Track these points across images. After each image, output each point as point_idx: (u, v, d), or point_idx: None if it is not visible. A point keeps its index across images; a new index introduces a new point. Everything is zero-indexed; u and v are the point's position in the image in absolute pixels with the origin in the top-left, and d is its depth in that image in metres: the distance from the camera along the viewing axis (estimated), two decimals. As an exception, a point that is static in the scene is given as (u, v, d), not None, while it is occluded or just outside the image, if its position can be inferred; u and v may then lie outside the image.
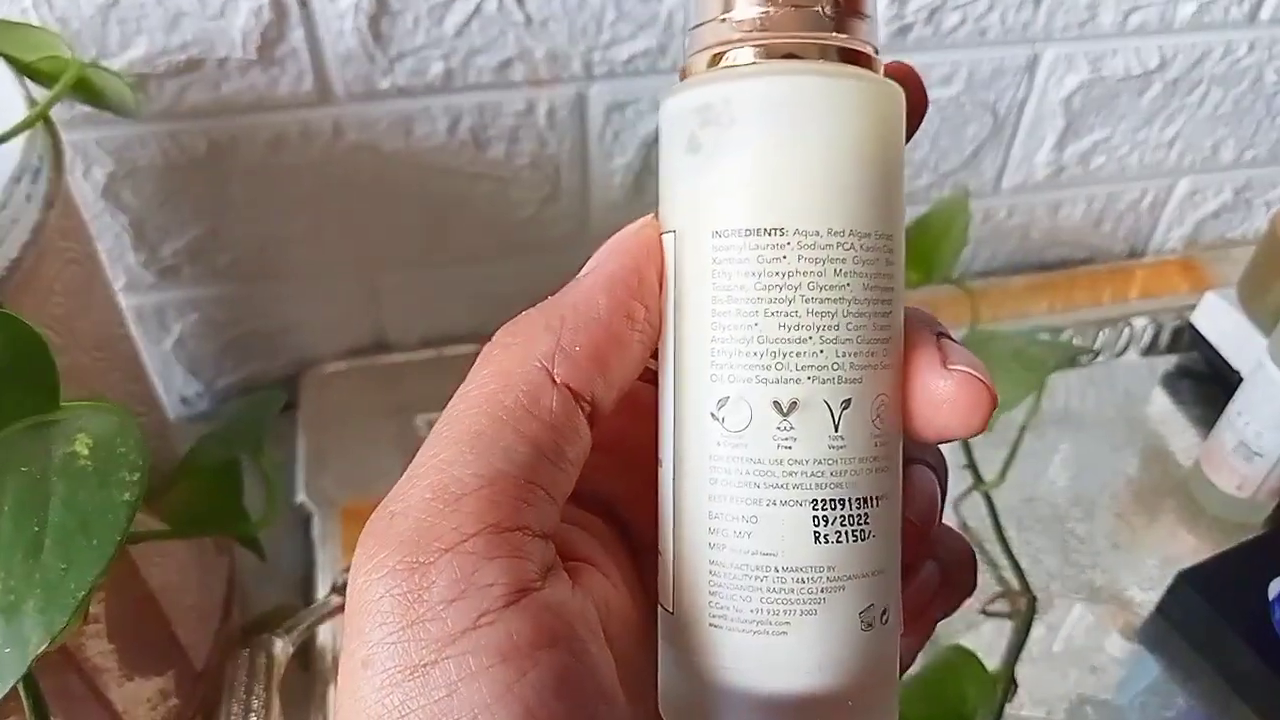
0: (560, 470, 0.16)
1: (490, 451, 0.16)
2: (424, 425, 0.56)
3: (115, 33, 0.46)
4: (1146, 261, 0.73)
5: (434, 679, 0.14)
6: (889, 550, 0.17)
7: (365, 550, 0.16)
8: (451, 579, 0.15)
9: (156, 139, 0.50)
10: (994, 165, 0.64)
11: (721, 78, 0.17)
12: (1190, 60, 0.62)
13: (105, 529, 0.20)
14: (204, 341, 0.58)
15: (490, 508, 0.15)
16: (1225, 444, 0.53)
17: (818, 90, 0.16)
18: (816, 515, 0.16)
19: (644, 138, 0.56)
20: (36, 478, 0.20)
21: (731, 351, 0.16)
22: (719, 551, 0.17)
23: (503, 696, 0.14)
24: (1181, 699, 0.47)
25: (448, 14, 0.49)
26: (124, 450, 0.21)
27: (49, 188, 0.34)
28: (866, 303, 0.16)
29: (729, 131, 0.16)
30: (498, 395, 0.16)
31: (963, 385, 0.16)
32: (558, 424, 0.16)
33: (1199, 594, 0.47)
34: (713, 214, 0.17)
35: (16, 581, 0.19)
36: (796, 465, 0.16)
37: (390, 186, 0.54)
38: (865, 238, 0.16)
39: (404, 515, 0.15)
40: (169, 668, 0.42)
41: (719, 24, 0.17)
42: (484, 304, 0.62)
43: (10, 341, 0.22)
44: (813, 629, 0.16)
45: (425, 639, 0.14)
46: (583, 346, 0.17)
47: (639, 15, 0.51)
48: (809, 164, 0.16)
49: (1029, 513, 0.56)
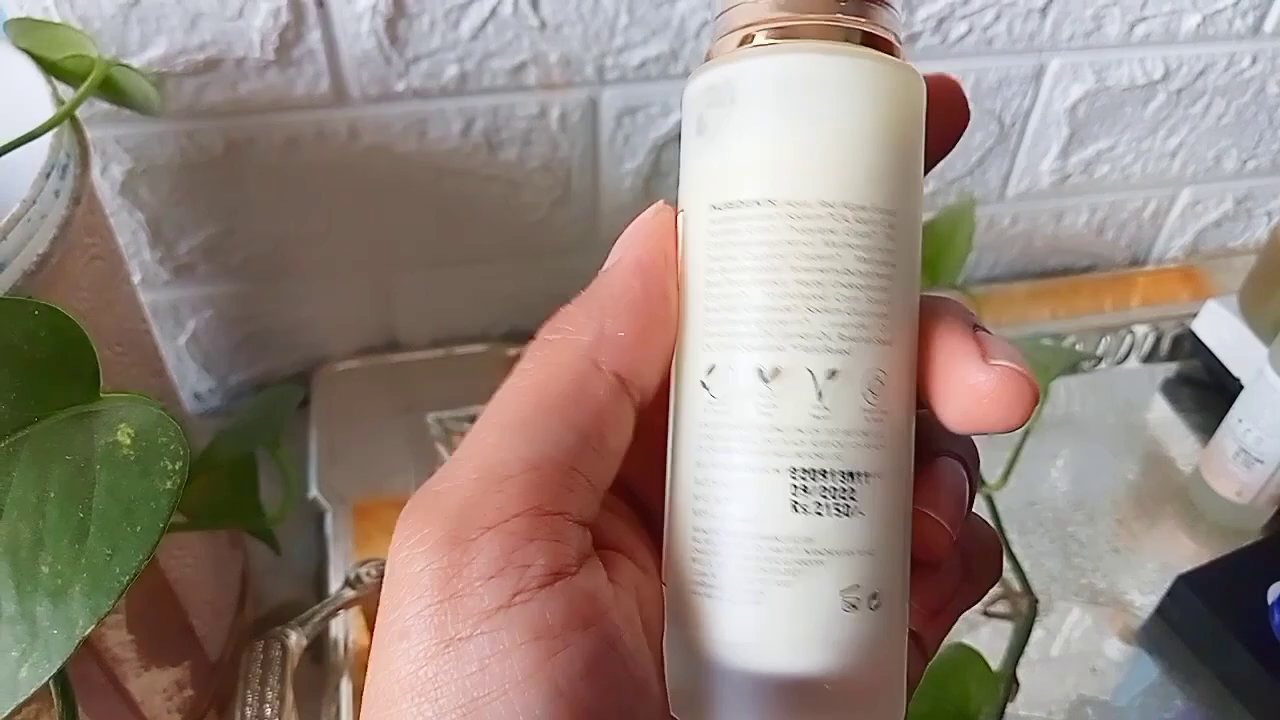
0: (603, 459, 0.17)
1: (537, 437, 0.16)
2: (435, 423, 0.57)
3: (135, 32, 0.46)
4: (1148, 269, 0.74)
5: (467, 653, 0.14)
6: (884, 532, 0.16)
7: (408, 524, 0.16)
8: (492, 556, 0.15)
9: (174, 137, 0.50)
10: (999, 173, 0.65)
11: (726, 60, 0.17)
12: (1194, 71, 0.62)
13: (148, 516, 0.21)
14: (218, 338, 0.58)
15: (534, 491, 0.15)
16: (1226, 451, 0.54)
17: (810, 67, 0.16)
18: (795, 484, 0.16)
19: (654, 142, 0.57)
20: (81, 466, 0.21)
21: (721, 320, 0.17)
22: (702, 518, 0.17)
23: (533, 674, 0.14)
24: (1180, 701, 0.48)
25: (463, 18, 0.49)
26: (165, 440, 0.22)
27: (75, 184, 0.34)
28: (859, 275, 0.16)
29: (730, 111, 0.17)
30: (545, 384, 0.17)
31: (1006, 379, 0.16)
32: (604, 412, 0.17)
33: (1198, 597, 0.48)
34: (711, 189, 0.17)
35: (64, 566, 0.20)
36: (776, 433, 0.16)
37: (404, 187, 0.55)
38: (860, 210, 0.16)
39: (450, 493, 0.16)
40: (185, 659, 0.43)
41: (738, 8, 0.17)
42: (494, 304, 0.62)
43: (53, 333, 0.23)
44: (787, 601, 0.16)
45: (461, 613, 0.15)
46: (626, 331, 0.17)
47: (651, 21, 0.52)
48: (800, 137, 0.16)
49: (1031, 516, 0.57)
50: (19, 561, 0.20)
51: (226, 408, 0.62)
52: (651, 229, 0.18)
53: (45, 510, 0.20)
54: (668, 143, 0.57)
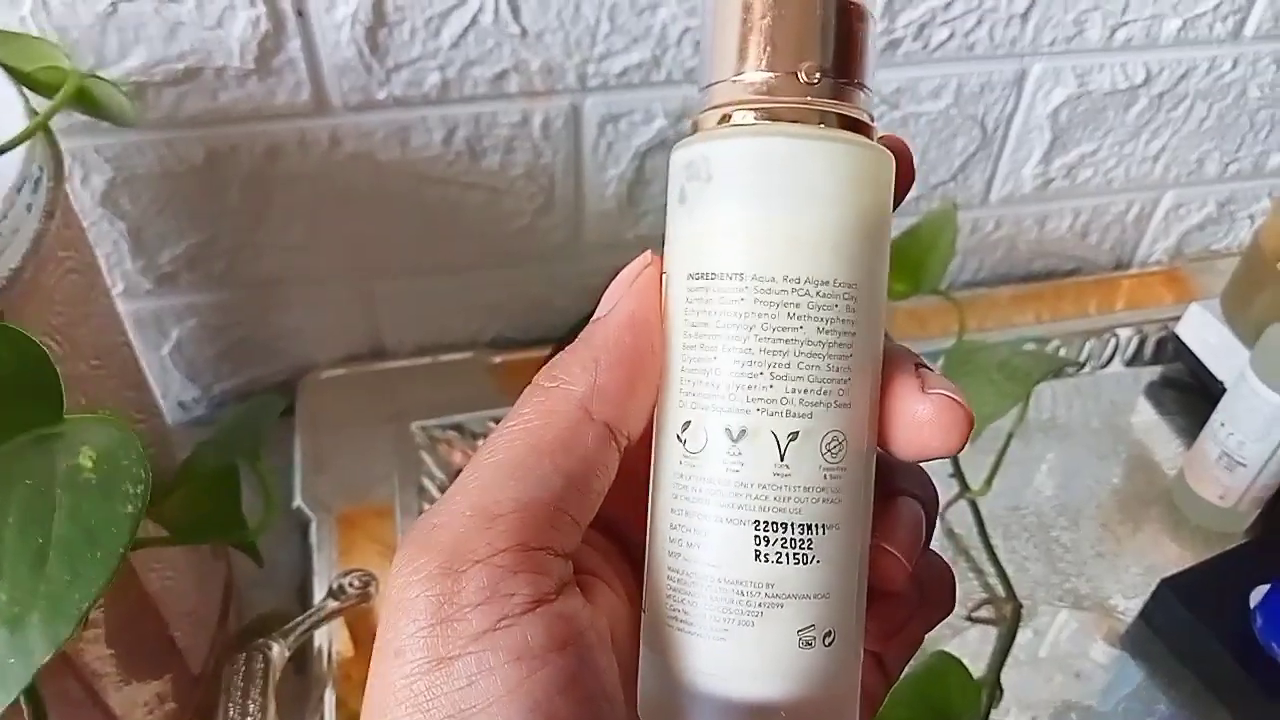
0: (587, 499, 0.18)
1: (528, 480, 0.18)
2: (419, 431, 0.57)
3: (113, 41, 0.46)
4: (1132, 273, 0.74)
5: (456, 670, 0.16)
6: (839, 577, 0.18)
7: (406, 554, 0.17)
8: (479, 586, 0.17)
9: (154, 147, 0.50)
10: (982, 178, 0.65)
11: (707, 137, 0.18)
12: (1175, 75, 0.63)
13: (109, 541, 0.20)
14: (202, 347, 0.58)
15: (521, 529, 0.17)
16: (1209, 454, 0.54)
17: (780, 150, 0.18)
18: (758, 535, 0.17)
19: (636, 149, 0.57)
20: (41, 490, 0.21)
21: (695, 381, 0.18)
22: (676, 560, 0.18)
23: (514, 690, 0.16)
24: (1164, 705, 0.48)
25: (444, 26, 0.49)
26: (127, 463, 0.22)
27: (49, 197, 0.34)
28: (820, 345, 0.17)
29: (706, 187, 0.18)
30: (539, 430, 0.18)
31: (941, 407, 0.18)
32: (591, 458, 0.18)
33: (1181, 602, 0.48)
34: (689, 258, 0.18)
35: (21, 593, 0.19)
36: (742, 488, 0.18)
37: (386, 195, 0.55)
38: (822, 285, 0.17)
39: (444, 528, 0.17)
40: (166, 672, 0.42)
41: (725, 85, 0.18)
42: (478, 311, 0.62)
43: (14, 355, 0.23)
44: (750, 639, 0.18)
45: (452, 636, 0.16)
46: (616, 384, 0.18)
47: (633, 29, 0.52)
48: (769, 216, 0.17)
49: (1015, 520, 0.57)
50: None
51: (211, 417, 0.61)
52: (642, 284, 0.19)
53: (2, 535, 0.20)
54: (651, 149, 0.57)
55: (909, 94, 0.59)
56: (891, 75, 0.58)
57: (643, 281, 0.19)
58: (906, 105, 0.59)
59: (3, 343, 0.23)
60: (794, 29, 0.18)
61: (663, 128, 0.56)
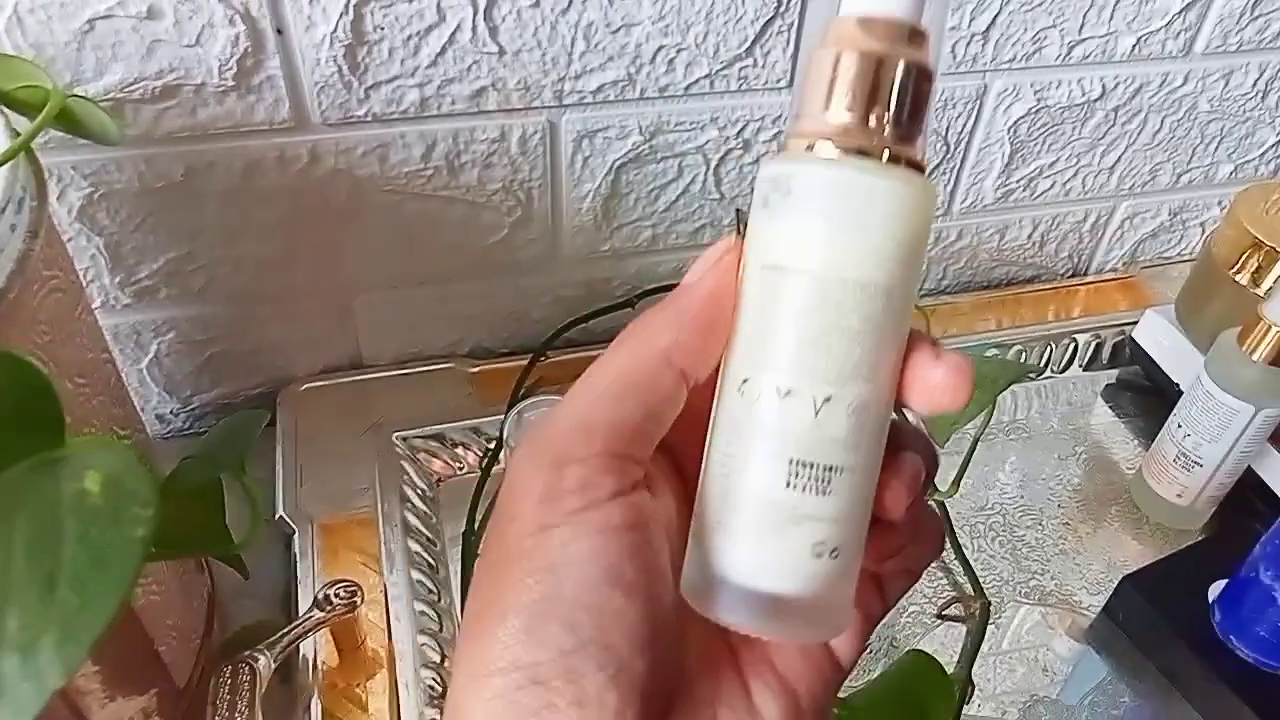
0: (660, 424, 0.23)
1: (619, 407, 0.23)
2: (400, 442, 0.57)
3: (91, 59, 0.47)
4: (1088, 280, 0.77)
5: (555, 536, 0.21)
6: (848, 508, 0.23)
7: (525, 451, 0.23)
8: (577, 477, 0.22)
9: (132, 163, 0.50)
10: (945, 190, 0.67)
11: (792, 158, 0.23)
12: (1130, 90, 0.65)
13: (119, 565, 0.21)
14: (181, 360, 0.58)
15: (610, 441, 0.22)
16: (1166, 454, 0.56)
17: (847, 181, 0.22)
18: (790, 469, 0.22)
19: (612, 163, 0.58)
20: (47, 516, 0.21)
21: (756, 349, 0.23)
22: (726, 479, 0.23)
23: (596, 554, 0.21)
24: (1128, 698, 0.50)
25: (423, 44, 0.50)
26: (134, 486, 0.22)
27: (32, 217, 0.34)
28: (856, 333, 0.22)
29: (785, 198, 0.22)
30: (631, 368, 0.23)
31: (951, 370, 0.23)
32: (667, 395, 0.23)
33: (1143, 597, 0.50)
34: (765, 251, 0.23)
35: (32, 619, 0.20)
36: (784, 433, 0.22)
37: (365, 210, 0.55)
38: (866, 287, 0.22)
39: (555, 434, 0.23)
40: (151, 686, 0.43)
41: (813, 119, 0.23)
42: (456, 323, 0.63)
43: (14, 381, 0.23)
44: (775, 545, 0.22)
45: (554, 510, 0.22)
46: (694, 341, 0.23)
47: (609, 47, 0.53)
48: (830, 230, 0.22)
49: (981, 520, 0.59)
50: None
51: (190, 429, 0.61)
52: (723, 266, 0.24)
53: (11, 562, 0.20)
54: (625, 164, 0.58)
55: (875, 108, 0.60)
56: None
57: (725, 263, 0.24)
58: (873, 119, 0.61)
59: (2, 369, 0.23)
60: (872, 84, 0.22)
61: (637, 143, 0.57)
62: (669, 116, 0.57)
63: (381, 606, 0.49)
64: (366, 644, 0.48)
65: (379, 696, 0.46)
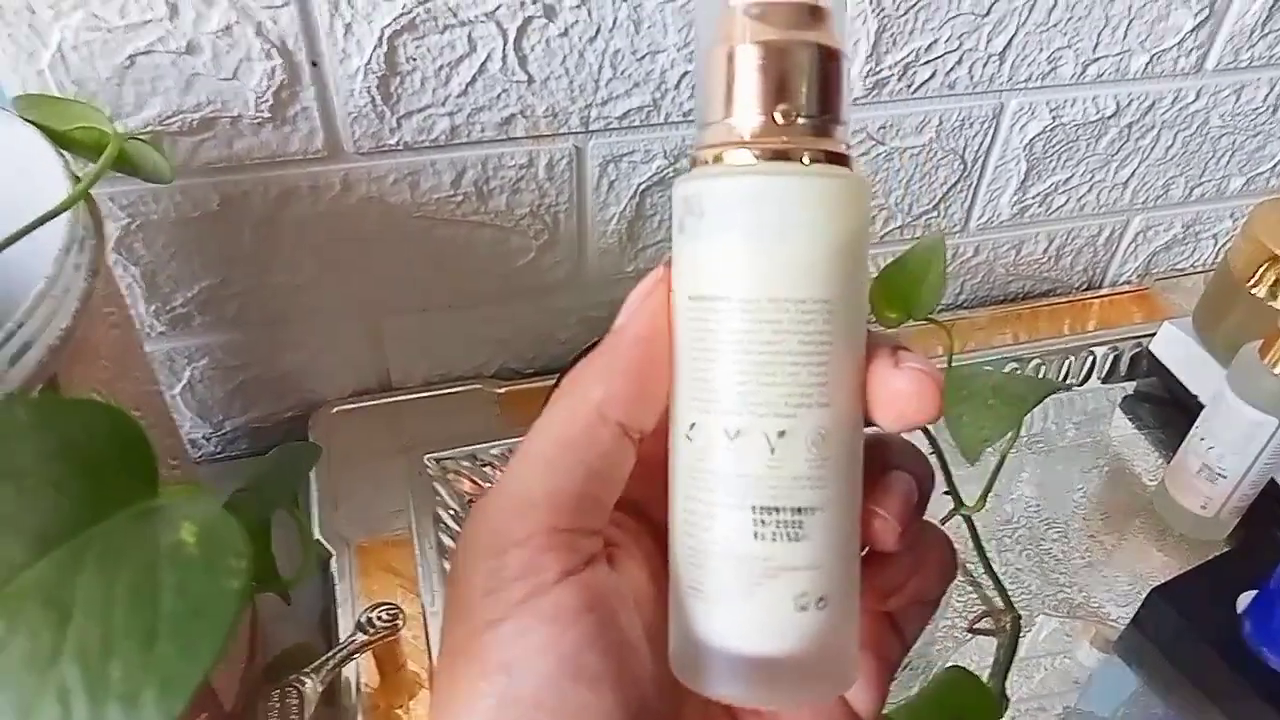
0: (608, 485, 0.21)
1: (555, 473, 0.21)
2: (432, 463, 0.58)
3: (131, 94, 0.47)
4: (1103, 293, 0.78)
5: (505, 630, 0.20)
6: (828, 550, 0.20)
7: (465, 537, 0.21)
8: (519, 563, 0.20)
9: (169, 193, 0.51)
10: (962, 207, 0.68)
11: (701, 175, 0.21)
12: (1143, 107, 0.66)
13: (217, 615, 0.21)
14: (213, 386, 0.59)
15: (551, 514, 0.21)
16: (1190, 467, 0.56)
17: (762, 188, 0.20)
18: (755, 518, 0.20)
19: (637, 187, 0.59)
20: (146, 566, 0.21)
21: (697, 389, 0.21)
22: (690, 538, 0.21)
23: (549, 646, 0.20)
24: (1161, 709, 0.50)
25: (453, 75, 0.51)
26: (228, 537, 0.22)
27: (92, 256, 0.35)
28: (801, 354, 0.20)
29: (700, 220, 0.20)
30: (563, 430, 0.21)
31: (914, 378, 0.20)
32: (607, 453, 0.21)
33: (1172, 609, 0.51)
34: (689, 281, 0.21)
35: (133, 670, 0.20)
36: (740, 478, 0.20)
37: (396, 236, 0.56)
38: (801, 303, 0.20)
39: (491, 515, 0.21)
40: (201, 711, 0.43)
41: (717, 127, 0.21)
42: (484, 345, 0.64)
43: (113, 430, 0.23)
44: (752, 604, 0.20)
45: (501, 602, 0.20)
46: (627, 390, 0.21)
47: (634, 74, 0.54)
48: (752, 246, 0.20)
49: (1007, 534, 0.59)
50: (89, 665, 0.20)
51: (222, 454, 0.62)
52: (652, 304, 0.22)
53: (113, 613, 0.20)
54: (649, 187, 0.59)
55: (894, 130, 0.62)
56: (878, 113, 0.60)
57: (653, 299, 0.22)
58: (891, 140, 0.62)
59: (101, 419, 0.23)
60: (772, 76, 0.20)
61: (662, 166, 0.58)
62: (692, 140, 0.58)
63: (420, 627, 0.50)
64: (407, 665, 0.49)
65: (421, 717, 0.47)
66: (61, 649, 0.20)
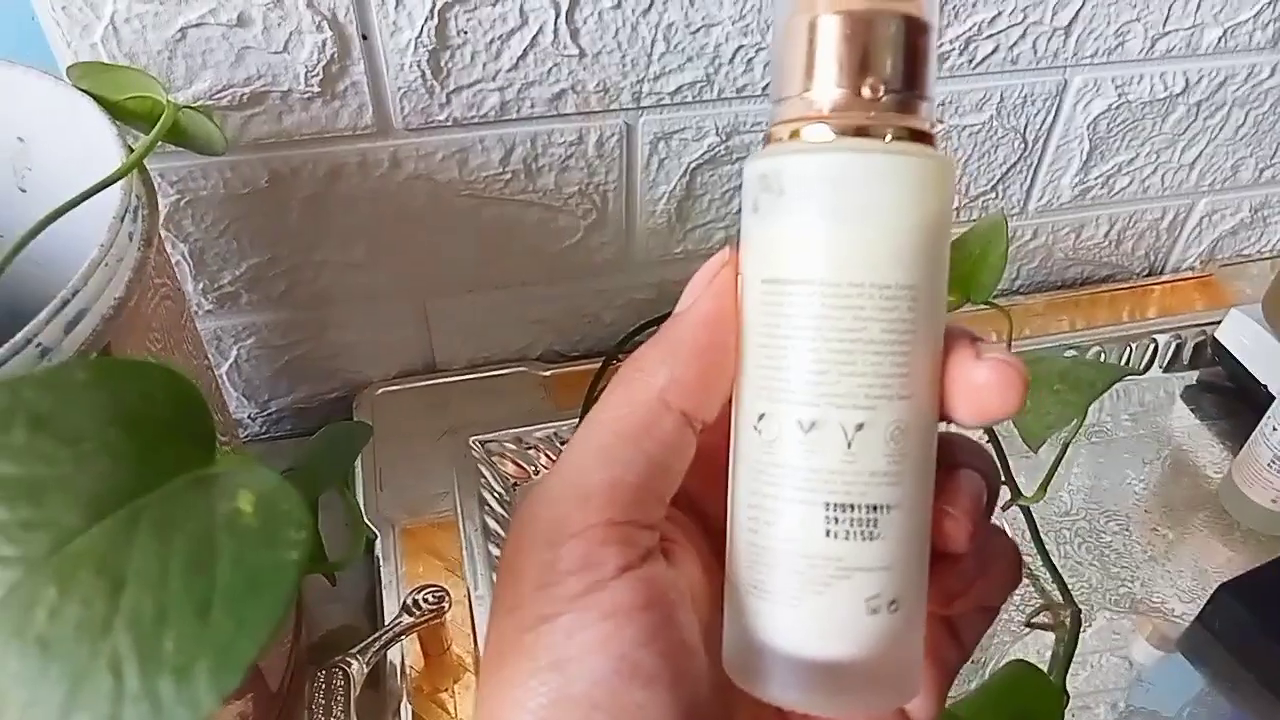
0: (667, 477, 0.20)
1: (614, 463, 0.20)
2: (477, 446, 0.57)
3: (181, 66, 0.47)
4: (1164, 279, 0.75)
5: (558, 626, 0.19)
6: (902, 550, 0.19)
7: (516, 528, 0.20)
8: (575, 556, 0.19)
9: (218, 169, 0.51)
10: (1021, 187, 0.66)
11: (778, 151, 0.20)
12: (1214, 83, 0.64)
13: (274, 589, 0.20)
14: (260, 365, 0.59)
15: (609, 506, 0.20)
16: (1260, 458, 0.54)
17: (845, 166, 0.19)
18: (828, 515, 0.19)
19: (687, 165, 0.57)
20: (203, 537, 0.20)
21: (768, 377, 0.20)
22: (754, 535, 0.20)
23: (605, 644, 0.19)
24: (1228, 708, 0.49)
25: (504, 48, 0.50)
26: (287, 507, 0.21)
27: (145, 225, 0.35)
28: (883, 343, 0.19)
29: (778, 199, 0.19)
30: (624, 418, 0.20)
31: (996, 369, 0.19)
32: (670, 442, 0.20)
33: (1242, 605, 0.49)
34: (762, 264, 0.20)
35: (187, 643, 0.19)
36: (813, 473, 0.19)
37: (443, 214, 0.55)
38: (885, 289, 0.19)
39: (546, 506, 0.20)
40: (248, 691, 0.43)
41: (795, 101, 0.20)
42: (529, 326, 0.63)
43: (169, 394, 0.22)
44: (821, 606, 0.19)
45: (555, 597, 0.19)
46: (692, 376, 0.20)
47: (688, 48, 0.52)
48: (835, 227, 0.19)
49: (1066, 526, 0.58)
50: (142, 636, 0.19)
51: (266, 434, 0.62)
52: (719, 284, 0.21)
53: (168, 582, 0.19)
54: (700, 166, 0.58)
55: (953, 107, 0.60)
56: (937, 89, 0.58)
57: (720, 281, 0.21)
58: (950, 118, 0.60)
59: (158, 383, 0.22)
60: (857, 47, 0.19)
61: (713, 144, 0.57)
62: (745, 117, 0.56)
63: (465, 610, 0.49)
64: (452, 648, 0.48)
65: (466, 700, 0.47)
66: (114, 618, 0.19)
